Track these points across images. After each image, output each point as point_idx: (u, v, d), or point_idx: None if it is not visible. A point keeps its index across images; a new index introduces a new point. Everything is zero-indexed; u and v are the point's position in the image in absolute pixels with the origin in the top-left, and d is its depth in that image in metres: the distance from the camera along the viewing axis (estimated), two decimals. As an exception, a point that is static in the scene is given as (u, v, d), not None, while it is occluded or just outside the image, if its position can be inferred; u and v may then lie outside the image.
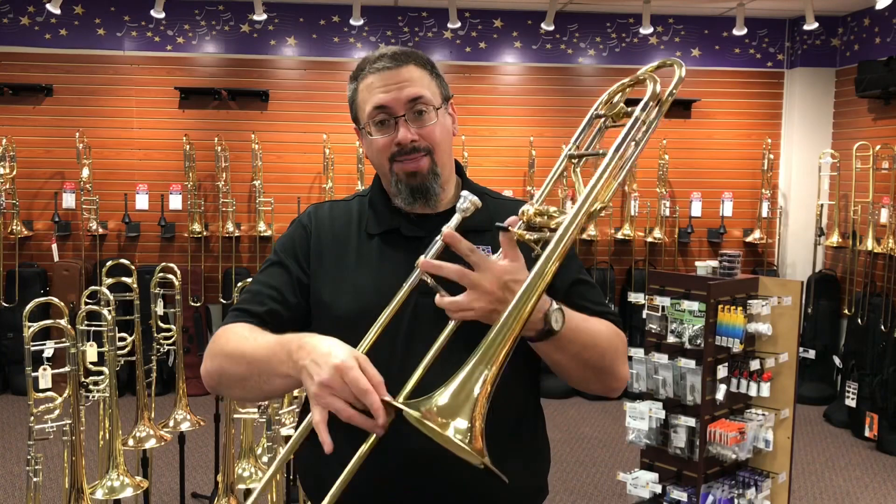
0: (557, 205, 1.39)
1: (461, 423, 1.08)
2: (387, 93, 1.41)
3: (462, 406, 1.10)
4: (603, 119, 1.40)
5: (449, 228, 1.25)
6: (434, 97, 1.45)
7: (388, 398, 1.17)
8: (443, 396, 1.11)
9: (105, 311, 2.84)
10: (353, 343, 1.28)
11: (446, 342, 1.24)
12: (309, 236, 1.51)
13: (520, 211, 1.26)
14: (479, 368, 1.12)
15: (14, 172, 5.91)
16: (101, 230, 6.11)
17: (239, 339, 1.39)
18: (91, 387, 2.95)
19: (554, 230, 1.24)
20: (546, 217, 1.27)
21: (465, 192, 1.29)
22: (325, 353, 1.20)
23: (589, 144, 1.40)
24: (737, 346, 3.04)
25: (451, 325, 1.25)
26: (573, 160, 1.36)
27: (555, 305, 1.28)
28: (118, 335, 2.96)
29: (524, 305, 1.16)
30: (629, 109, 1.33)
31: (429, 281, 1.26)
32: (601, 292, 1.60)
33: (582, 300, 1.45)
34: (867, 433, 5.19)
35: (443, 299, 1.24)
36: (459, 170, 1.56)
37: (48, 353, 2.75)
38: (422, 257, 1.26)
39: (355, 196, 1.59)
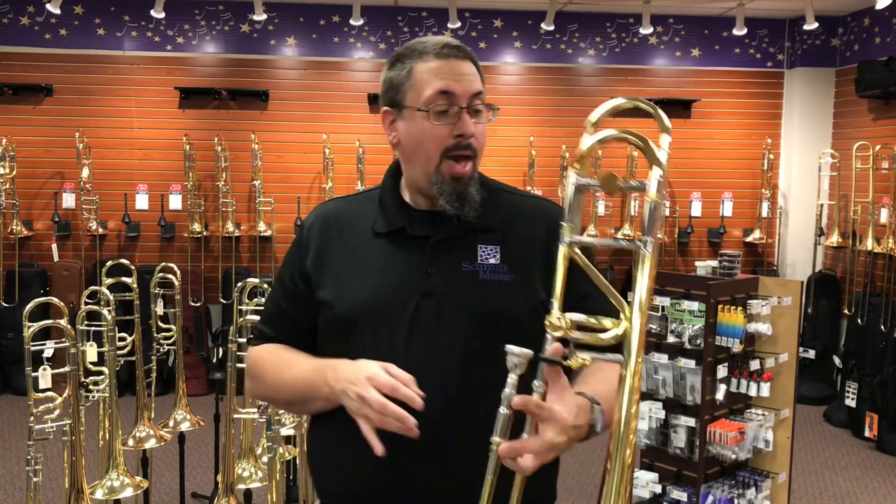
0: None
1: None
2: (456, 81, 1.37)
3: None
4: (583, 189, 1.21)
5: (514, 396, 1.17)
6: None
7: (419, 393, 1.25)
8: None
9: (105, 311, 2.84)
10: (356, 341, 1.33)
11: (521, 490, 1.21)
12: (308, 243, 1.50)
13: (547, 323, 1.14)
14: None
15: (14, 172, 5.91)
16: (101, 230, 6.11)
17: (276, 367, 1.49)
18: (91, 387, 2.95)
19: (602, 347, 1.13)
20: (589, 330, 1.15)
21: (510, 348, 1.18)
22: (356, 371, 1.29)
23: (576, 207, 1.19)
24: (737, 346, 3.04)
25: (519, 476, 1.20)
26: (574, 247, 1.18)
27: (597, 409, 1.24)
28: (118, 335, 2.96)
29: (627, 445, 1.08)
30: (633, 185, 1.17)
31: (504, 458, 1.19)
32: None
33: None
34: (867, 433, 5.19)
35: (515, 464, 1.17)
36: None
37: (48, 353, 2.75)
38: (496, 437, 1.18)
39: (362, 193, 1.57)
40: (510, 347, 1.19)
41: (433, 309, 1.38)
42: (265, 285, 2.99)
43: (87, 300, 3.20)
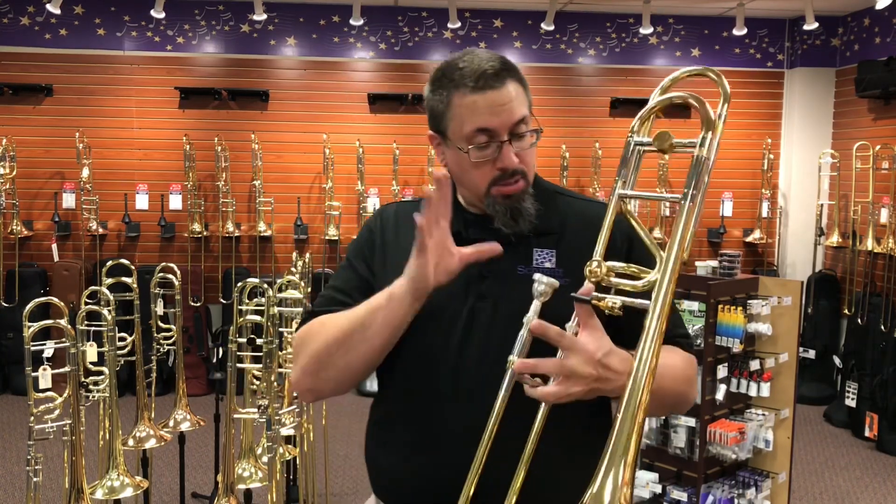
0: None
1: None
2: (495, 115, 1.35)
3: None
4: (642, 148, 1.30)
5: (534, 319, 1.20)
6: (528, 112, 1.40)
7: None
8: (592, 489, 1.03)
9: (105, 311, 2.84)
10: (411, 341, 1.36)
11: (542, 424, 1.20)
12: (374, 238, 1.51)
13: (586, 271, 1.20)
14: (614, 467, 1.04)
15: (14, 172, 5.91)
16: (101, 230, 6.11)
17: (332, 318, 1.43)
18: (91, 387, 2.95)
19: (637, 293, 1.17)
20: (626, 277, 1.20)
21: (538, 276, 1.23)
22: (409, 264, 1.31)
23: (631, 174, 1.28)
24: (737, 346, 3.04)
25: (544, 408, 1.20)
26: (624, 200, 1.27)
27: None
28: (118, 335, 2.96)
29: (642, 390, 1.08)
30: (684, 143, 1.22)
31: (525, 380, 1.20)
32: (675, 309, 1.57)
33: None
34: (867, 433, 5.19)
35: (535, 391, 1.18)
36: None
37: (48, 353, 2.75)
38: (513, 356, 1.21)
39: (423, 199, 1.58)
40: (539, 276, 1.22)
41: (488, 311, 1.39)
42: (265, 285, 2.98)
43: (87, 300, 3.20)
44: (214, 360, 6.08)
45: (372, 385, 4.85)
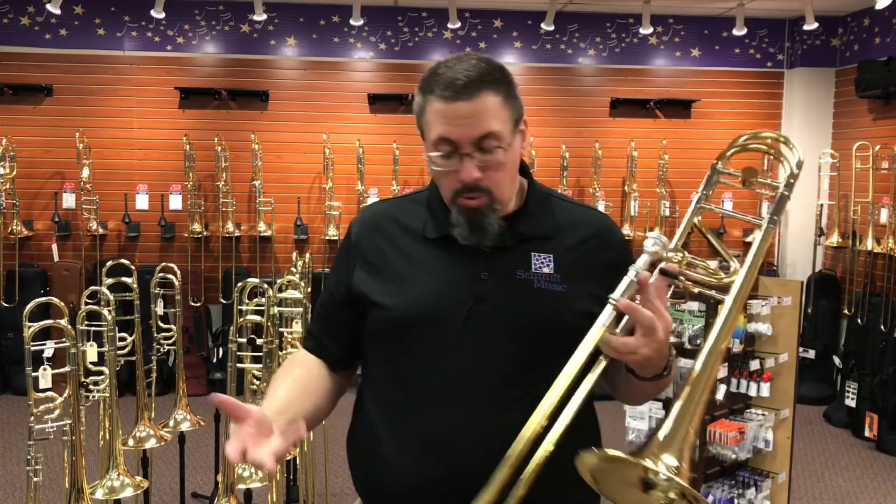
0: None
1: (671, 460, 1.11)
2: (456, 126, 1.31)
3: (677, 442, 1.13)
4: (720, 175, 1.54)
5: (643, 271, 1.24)
6: (505, 128, 1.33)
7: None
8: (662, 431, 1.14)
9: (105, 311, 2.84)
10: (408, 343, 1.37)
11: (596, 381, 1.24)
12: (356, 248, 1.48)
13: (668, 254, 1.30)
14: (689, 409, 1.16)
15: (14, 172, 5.91)
16: (101, 230, 6.11)
17: (279, 379, 1.50)
18: (91, 387, 2.95)
19: (714, 285, 1.32)
20: (705, 271, 1.37)
21: (654, 234, 1.28)
22: None
23: (710, 184, 1.54)
24: (737, 346, 3.04)
25: (603, 363, 1.24)
26: (699, 211, 1.48)
27: (673, 352, 1.31)
28: (118, 335, 2.96)
29: (716, 357, 1.23)
30: (764, 182, 1.47)
31: (610, 333, 1.25)
32: None
33: None
34: (867, 433, 5.19)
35: (615, 339, 1.22)
36: (525, 171, 1.48)
37: (48, 353, 2.75)
38: (617, 293, 1.24)
39: (408, 196, 1.54)
40: (656, 233, 1.30)
41: (486, 314, 1.37)
42: (265, 285, 2.99)
43: (88, 300, 3.20)
44: (214, 360, 6.09)
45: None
